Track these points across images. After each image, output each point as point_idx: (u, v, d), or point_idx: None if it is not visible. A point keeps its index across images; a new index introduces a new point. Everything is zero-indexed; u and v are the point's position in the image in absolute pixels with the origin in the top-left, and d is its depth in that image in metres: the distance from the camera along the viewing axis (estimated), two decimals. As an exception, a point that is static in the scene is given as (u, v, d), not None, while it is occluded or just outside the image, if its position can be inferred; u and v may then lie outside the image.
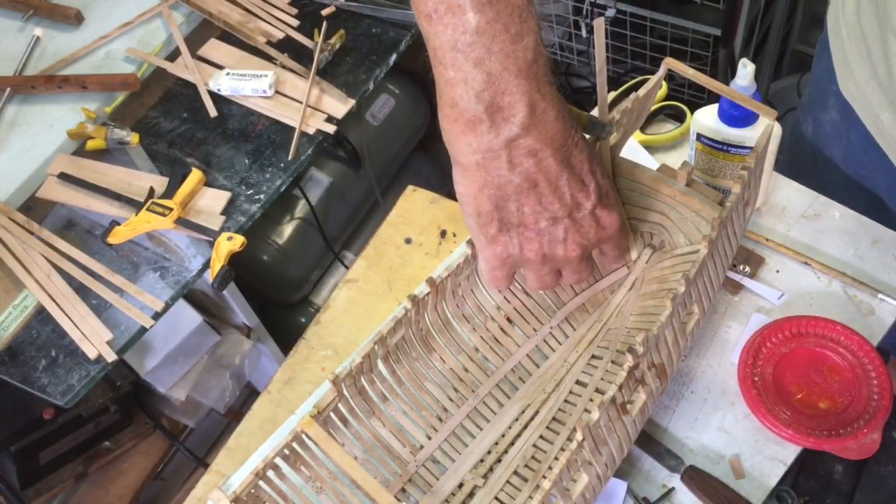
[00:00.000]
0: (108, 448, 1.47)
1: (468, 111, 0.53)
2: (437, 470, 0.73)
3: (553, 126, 0.55)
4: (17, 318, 1.02)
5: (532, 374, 0.77)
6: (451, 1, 0.50)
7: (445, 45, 0.51)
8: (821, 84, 0.89)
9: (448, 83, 0.53)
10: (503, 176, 0.55)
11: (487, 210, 0.57)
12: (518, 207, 0.57)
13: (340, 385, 0.67)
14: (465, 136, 0.54)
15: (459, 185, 0.58)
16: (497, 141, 0.54)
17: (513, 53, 0.51)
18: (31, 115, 1.20)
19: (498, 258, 0.61)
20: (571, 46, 1.74)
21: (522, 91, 0.52)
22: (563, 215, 0.58)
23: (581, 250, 0.61)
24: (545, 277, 0.64)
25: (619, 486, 0.72)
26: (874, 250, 0.83)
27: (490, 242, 0.60)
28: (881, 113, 0.77)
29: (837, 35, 0.81)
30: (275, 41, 1.26)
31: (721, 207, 0.74)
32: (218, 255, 1.02)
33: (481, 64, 0.51)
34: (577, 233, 0.60)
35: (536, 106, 0.53)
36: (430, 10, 0.51)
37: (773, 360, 0.75)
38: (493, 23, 0.50)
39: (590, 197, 0.59)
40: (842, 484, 0.73)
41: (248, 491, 0.62)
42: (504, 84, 0.52)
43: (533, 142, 0.54)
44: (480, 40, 0.51)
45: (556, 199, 0.57)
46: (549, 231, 0.59)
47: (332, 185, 1.58)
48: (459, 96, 0.53)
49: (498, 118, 0.53)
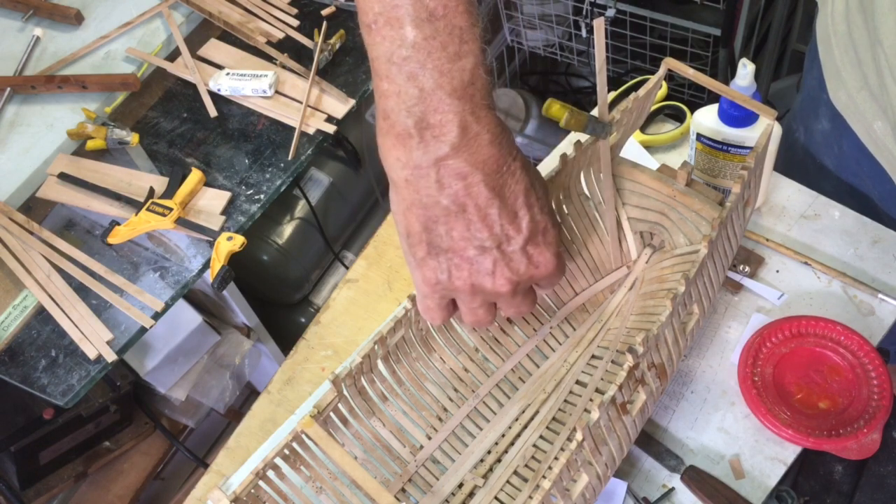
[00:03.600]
0: (108, 448, 1.47)
1: (399, 124, 0.53)
2: (437, 470, 0.73)
3: (486, 151, 0.54)
4: (17, 318, 1.02)
5: (532, 374, 0.77)
6: (390, 13, 0.51)
7: (382, 56, 0.52)
8: (811, 93, 0.89)
9: (382, 95, 0.53)
10: (431, 196, 0.54)
11: (416, 231, 0.56)
12: (447, 231, 0.56)
13: (340, 385, 0.67)
14: (395, 149, 0.54)
15: (392, 202, 0.57)
16: (425, 158, 0.53)
17: (448, 72, 0.51)
18: (31, 115, 1.20)
19: (427, 283, 0.58)
20: (571, 46, 1.74)
21: (455, 111, 0.52)
22: (491, 245, 0.56)
23: (510, 286, 0.58)
24: (477, 311, 0.61)
25: (619, 486, 0.72)
26: (874, 250, 0.83)
27: (419, 265, 0.58)
28: (874, 122, 0.77)
29: (827, 45, 0.80)
30: (275, 41, 1.26)
31: (721, 207, 0.74)
32: (218, 255, 1.02)
33: (414, 79, 0.51)
34: (506, 267, 0.57)
35: (469, 128, 0.53)
36: (371, 21, 0.52)
37: (773, 360, 0.75)
38: (430, 39, 0.51)
39: (521, 231, 0.57)
40: (842, 484, 0.73)
41: (248, 491, 0.62)
42: (436, 101, 0.52)
43: (462, 164, 0.53)
44: (416, 55, 0.51)
45: (484, 227, 0.55)
46: (478, 261, 0.57)
47: (332, 185, 1.58)
48: (391, 108, 0.53)
49: (427, 135, 0.52)
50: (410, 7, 0.50)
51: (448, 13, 0.51)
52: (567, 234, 0.78)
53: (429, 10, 0.50)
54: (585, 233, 0.79)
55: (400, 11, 0.50)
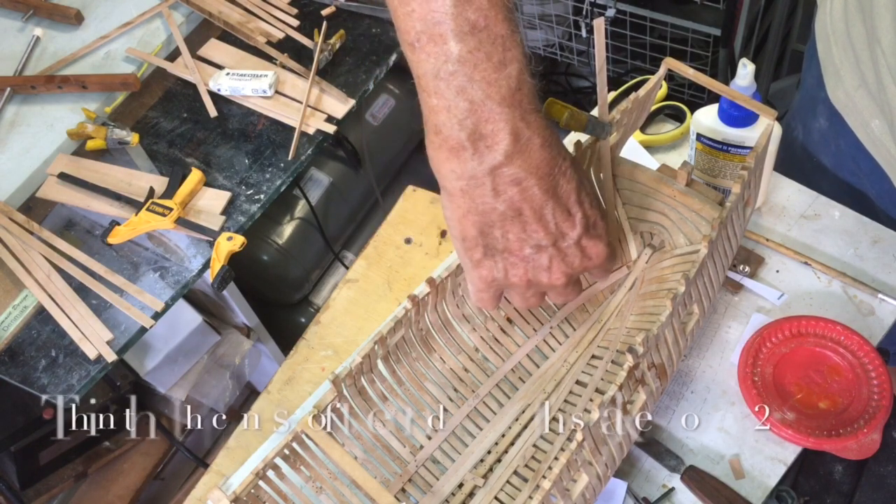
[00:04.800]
0: (108, 448, 1.47)
1: (451, 138, 0.53)
2: (437, 470, 0.73)
3: (538, 155, 0.55)
4: (17, 318, 1.02)
5: (532, 374, 0.77)
6: (433, 30, 0.51)
7: (428, 73, 0.52)
8: (810, 91, 0.89)
9: (432, 110, 0.53)
10: (487, 203, 0.55)
11: (472, 235, 0.58)
12: (503, 234, 0.57)
13: (340, 385, 0.67)
14: (448, 162, 0.54)
15: (446, 209, 0.58)
16: (480, 168, 0.54)
17: (495, 82, 0.52)
18: (31, 115, 1.20)
19: (483, 281, 0.61)
20: (571, 46, 1.74)
21: (505, 119, 0.53)
22: (547, 244, 0.58)
23: (565, 278, 0.61)
24: (530, 299, 0.64)
25: (619, 486, 0.72)
26: (874, 250, 0.83)
27: (475, 266, 0.60)
28: (871, 120, 0.77)
29: (826, 43, 0.81)
30: (275, 41, 1.26)
31: (721, 207, 0.74)
32: (218, 255, 1.02)
33: (463, 92, 0.52)
34: (561, 261, 0.60)
35: (520, 134, 0.53)
36: (413, 39, 0.52)
37: (773, 360, 0.75)
38: (474, 52, 0.51)
39: (575, 227, 0.59)
40: (842, 484, 0.73)
41: (248, 491, 0.62)
42: (487, 112, 0.52)
43: (517, 170, 0.54)
44: (462, 69, 0.51)
45: (540, 227, 0.57)
46: (534, 258, 0.59)
47: (332, 185, 1.58)
48: (443, 123, 0.53)
49: (481, 146, 0.53)
50: (452, 22, 0.50)
51: (489, 23, 0.51)
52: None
53: (470, 22, 0.50)
54: (585, 233, 0.79)
55: (442, 27, 0.50)
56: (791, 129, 0.95)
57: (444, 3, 0.50)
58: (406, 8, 0.51)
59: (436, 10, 0.50)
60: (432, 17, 0.50)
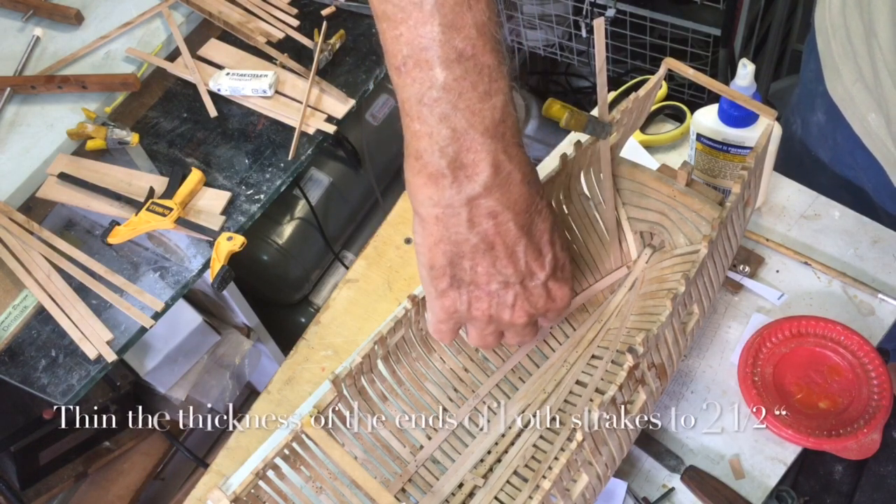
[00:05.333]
0: (108, 448, 1.47)
1: (431, 164, 0.53)
2: (437, 470, 0.73)
3: (517, 190, 0.54)
4: (17, 318, 1.02)
5: (532, 374, 0.77)
6: (419, 56, 0.51)
7: (412, 98, 0.52)
8: (808, 86, 0.89)
9: (414, 135, 0.53)
10: (461, 234, 0.55)
11: (441, 265, 0.57)
12: (472, 266, 0.57)
13: (340, 385, 0.67)
14: (426, 188, 0.54)
15: (417, 234, 0.58)
16: (458, 198, 0.54)
17: (479, 112, 0.52)
18: (31, 115, 1.20)
19: (445, 311, 0.60)
20: (571, 46, 1.74)
21: (487, 150, 0.52)
22: (514, 281, 0.58)
23: (527, 318, 0.61)
24: (487, 337, 0.63)
25: (619, 486, 0.72)
26: (874, 250, 0.83)
27: (439, 296, 0.60)
28: (868, 114, 0.77)
29: (824, 36, 0.81)
30: (275, 41, 1.26)
31: (721, 207, 0.74)
32: (218, 255, 1.02)
33: (446, 119, 0.51)
34: (525, 300, 0.60)
35: (501, 167, 0.53)
36: (399, 63, 0.52)
37: (773, 360, 0.75)
38: (460, 80, 0.51)
39: (544, 268, 0.59)
40: (842, 484, 0.73)
41: (248, 491, 0.62)
42: (469, 141, 0.52)
43: (494, 203, 0.54)
44: (447, 96, 0.51)
45: (510, 263, 0.57)
46: (499, 294, 0.59)
47: (332, 185, 1.58)
48: (424, 149, 0.53)
49: (461, 175, 0.53)
50: (439, 48, 0.50)
51: (476, 52, 0.51)
52: (567, 234, 0.78)
53: (457, 50, 0.50)
54: (585, 233, 0.79)
55: (429, 53, 0.50)
56: (790, 123, 0.95)
57: (433, 30, 0.50)
58: (394, 31, 0.51)
59: (424, 35, 0.50)
60: (420, 42, 0.50)
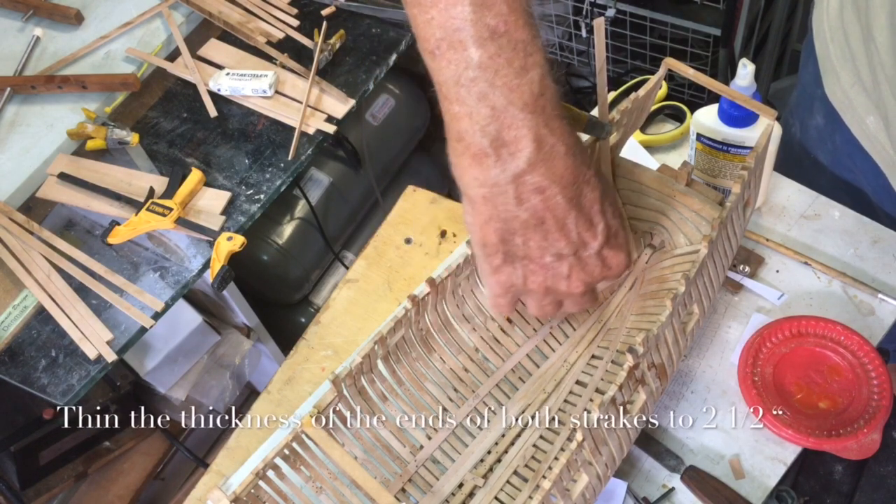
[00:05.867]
0: (108, 448, 1.47)
1: (474, 145, 0.53)
2: (437, 470, 0.73)
3: (562, 163, 0.54)
4: (17, 318, 1.02)
5: (532, 375, 0.77)
6: (452, 37, 0.50)
7: (449, 80, 0.52)
8: (807, 88, 0.89)
9: (454, 117, 0.53)
10: (510, 211, 0.55)
11: (493, 242, 0.57)
12: (524, 241, 0.57)
13: (340, 385, 0.67)
14: (471, 169, 0.54)
15: (467, 215, 0.58)
16: (503, 176, 0.53)
17: (517, 87, 0.51)
18: (31, 115, 1.20)
19: (501, 286, 0.61)
20: (571, 46, 1.73)
21: (528, 125, 0.52)
22: (568, 253, 0.58)
23: (584, 287, 0.60)
24: (546, 307, 0.63)
25: (619, 486, 0.72)
26: (874, 250, 0.83)
27: (494, 272, 0.60)
28: (866, 117, 0.77)
29: (822, 39, 0.81)
30: (275, 41, 1.26)
31: (721, 207, 0.74)
32: (218, 255, 1.02)
33: (485, 98, 0.51)
34: (581, 270, 0.60)
35: (544, 141, 0.53)
36: (433, 47, 0.51)
37: (773, 360, 0.75)
38: (495, 57, 0.50)
39: (597, 237, 0.58)
40: (842, 484, 0.73)
41: (248, 491, 0.62)
42: (509, 118, 0.52)
43: (540, 179, 0.54)
44: (483, 75, 0.51)
45: (562, 236, 0.57)
46: (554, 266, 0.59)
47: (332, 185, 1.58)
48: (465, 130, 0.53)
49: (503, 153, 0.53)
50: (472, 28, 0.50)
51: (509, 28, 0.50)
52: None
53: (490, 28, 0.50)
54: (585, 233, 0.79)
55: (462, 34, 0.50)
56: (788, 125, 0.95)
57: (464, 10, 0.49)
58: (425, 16, 0.51)
59: (455, 16, 0.50)
60: (452, 23, 0.50)
